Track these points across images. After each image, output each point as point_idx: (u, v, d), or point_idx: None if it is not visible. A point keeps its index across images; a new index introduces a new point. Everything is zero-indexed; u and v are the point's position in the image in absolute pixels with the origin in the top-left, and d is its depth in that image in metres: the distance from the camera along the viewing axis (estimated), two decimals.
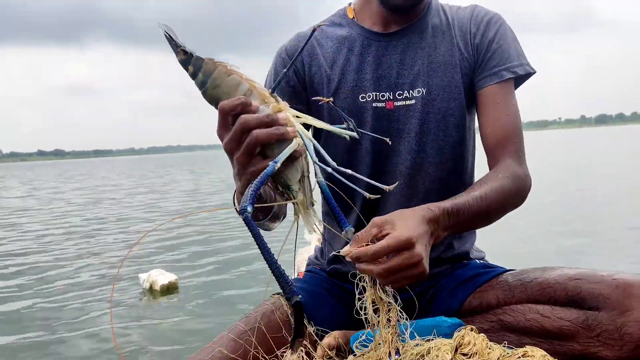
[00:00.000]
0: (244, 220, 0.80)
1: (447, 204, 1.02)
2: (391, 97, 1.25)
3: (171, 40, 0.93)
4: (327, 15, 1.39)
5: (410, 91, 1.25)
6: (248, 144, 0.86)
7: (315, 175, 0.91)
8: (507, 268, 1.25)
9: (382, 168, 1.27)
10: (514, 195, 1.15)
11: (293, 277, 1.45)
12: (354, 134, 0.94)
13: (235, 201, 1.01)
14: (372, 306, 0.92)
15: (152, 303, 4.25)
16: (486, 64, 1.25)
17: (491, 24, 1.27)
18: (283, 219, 1.19)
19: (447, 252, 1.31)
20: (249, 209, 0.80)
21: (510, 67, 1.24)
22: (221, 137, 0.90)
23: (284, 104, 0.90)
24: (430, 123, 1.25)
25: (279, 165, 0.85)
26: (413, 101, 1.25)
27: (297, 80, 1.30)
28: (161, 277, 4.51)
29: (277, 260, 0.81)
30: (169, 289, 4.45)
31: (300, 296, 0.83)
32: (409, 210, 0.97)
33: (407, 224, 0.90)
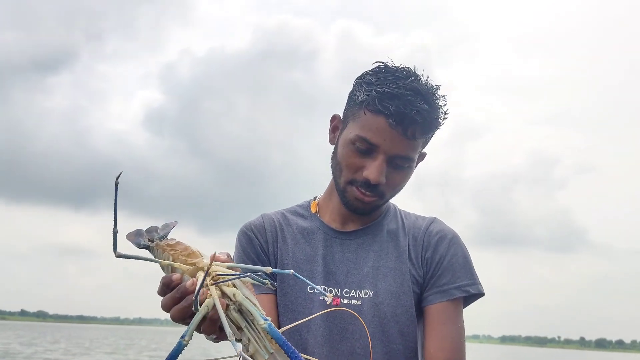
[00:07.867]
0: None
1: None
2: (338, 294, 1.24)
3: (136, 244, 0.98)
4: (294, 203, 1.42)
5: (358, 291, 1.24)
6: (179, 321, 0.86)
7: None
8: None
9: None
10: None
11: None
12: (265, 281, 0.85)
13: None
14: None
15: None
16: (437, 280, 1.25)
17: (444, 240, 1.28)
18: None
19: None
20: None
21: (461, 285, 1.24)
22: None
23: (205, 262, 0.85)
24: (375, 327, 1.21)
25: (187, 338, 0.80)
26: (360, 302, 1.24)
27: (264, 255, 1.30)
28: None
29: None
30: None
31: None
32: None
33: None
